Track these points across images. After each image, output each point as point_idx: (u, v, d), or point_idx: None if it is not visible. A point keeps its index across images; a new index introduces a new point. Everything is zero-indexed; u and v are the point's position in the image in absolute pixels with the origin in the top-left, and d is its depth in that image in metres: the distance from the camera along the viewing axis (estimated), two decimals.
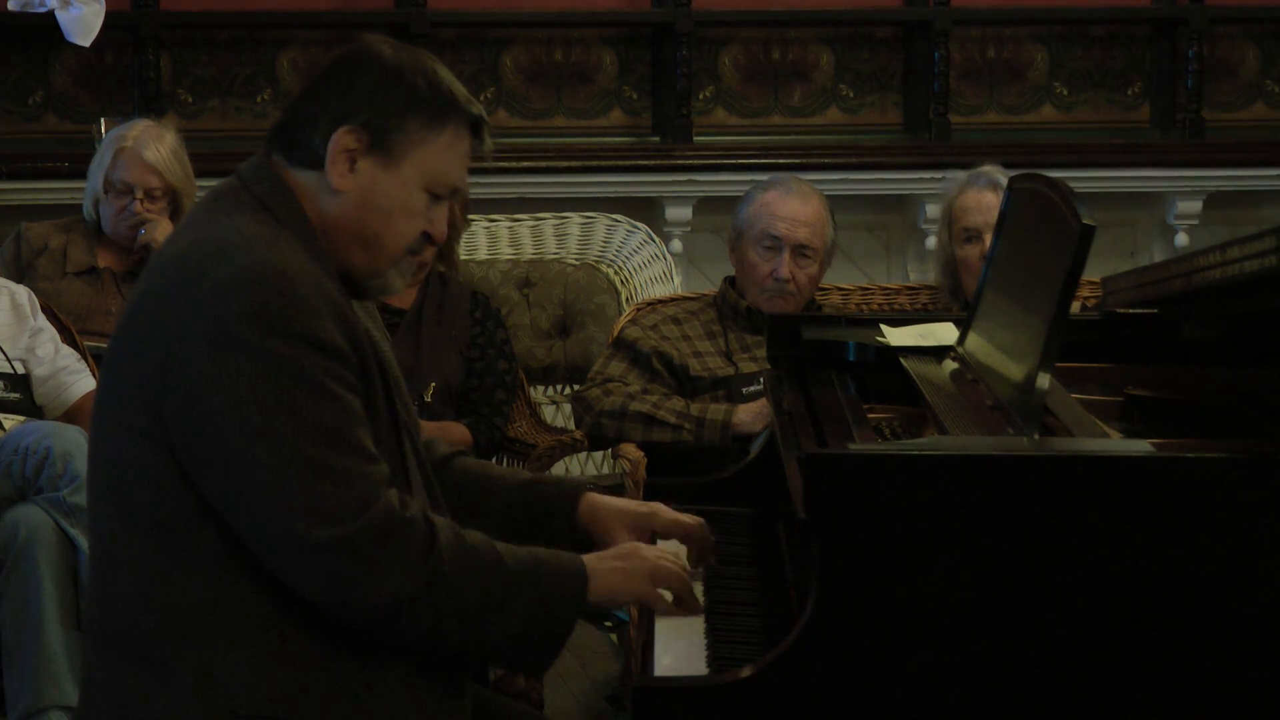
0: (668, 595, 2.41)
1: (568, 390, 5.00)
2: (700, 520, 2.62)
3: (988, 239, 4.18)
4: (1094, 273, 3.12)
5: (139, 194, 4.51)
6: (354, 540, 2.18)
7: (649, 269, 5.07)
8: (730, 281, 4.27)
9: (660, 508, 2.64)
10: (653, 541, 2.59)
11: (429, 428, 2.93)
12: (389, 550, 2.19)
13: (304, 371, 2.19)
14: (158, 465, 2.23)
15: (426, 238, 2.38)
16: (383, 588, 2.19)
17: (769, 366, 3.07)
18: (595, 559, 2.38)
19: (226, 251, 2.23)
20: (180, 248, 2.30)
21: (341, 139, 2.31)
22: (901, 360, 2.83)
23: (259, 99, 5.71)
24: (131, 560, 2.26)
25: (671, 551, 2.50)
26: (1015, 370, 2.41)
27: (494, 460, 4.57)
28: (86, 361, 4.17)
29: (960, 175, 4.45)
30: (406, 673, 2.29)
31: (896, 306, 4.57)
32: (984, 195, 4.30)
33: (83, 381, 4.08)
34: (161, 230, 4.50)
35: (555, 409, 5.07)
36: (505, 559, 2.29)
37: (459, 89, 2.37)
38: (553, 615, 2.29)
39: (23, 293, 4.17)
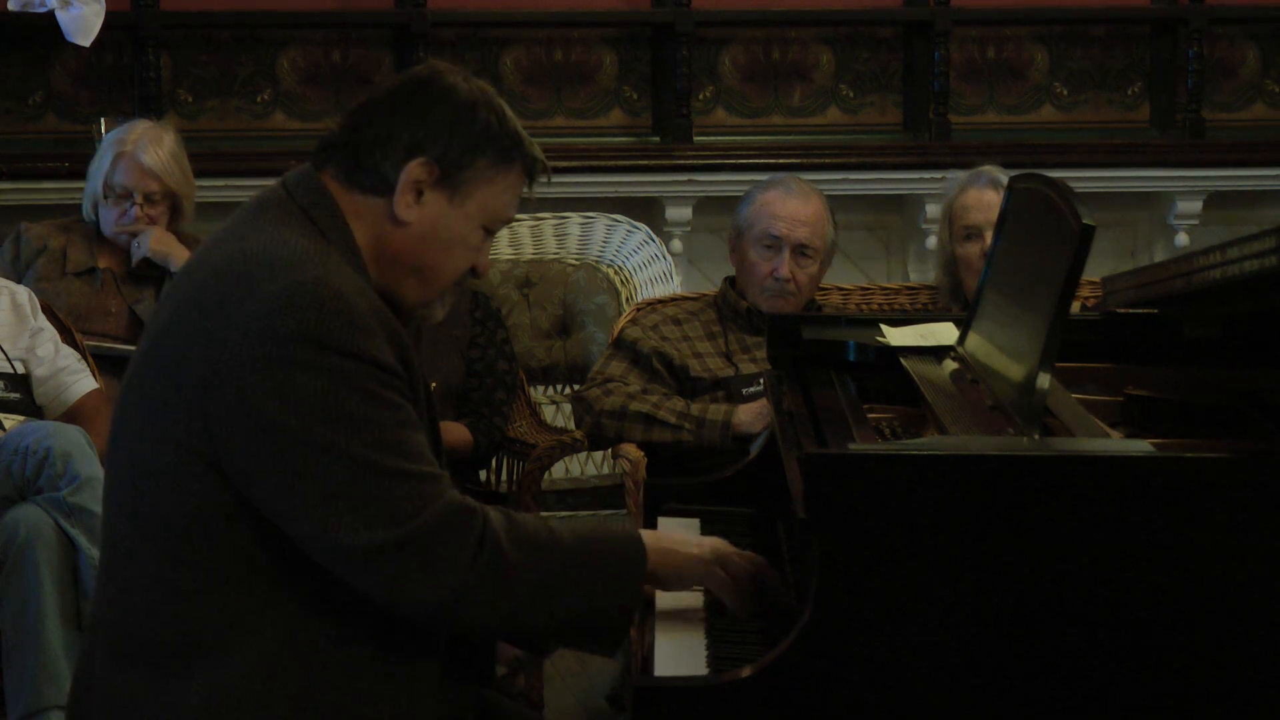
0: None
1: (568, 390, 5.00)
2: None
3: (988, 237, 4.18)
4: (1094, 273, 3.12)
5: (138, 198, 4.50)
6: (416, 535, 2.17)
7: (649, 269, 5.07)
8: (730, 281, 4.27)
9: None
10: None
11: None
12: (449, 540, 2.19)
13: (362, 384, 2.18)
14: (189, 476, 2.21)
15: (470, 270, 2.40)
16: (447, 579, 2.19)
17: (769, 367, 3.07)
18: (655, 535, 2.39)
19: (276, 265, 2.21)
20: (224, 258, 2.27)
21: (414, 171, 2.30)
22: (901, 360, 2.83)
23: (259, 99, 5.71)
24: (148, 571, 2.25)
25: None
26: (1015, 370, 2.41)
27: (494, 460, 4.58)
28: (86, 361, 4.17)
29: (961, 175, 4.46)
30: (415, 689, 2.29)
31: (896, 306, 4.57)
32: (985, 193, 4.30)
33: (83, 381, 4.08)
34: (155, 239, 4.48)
35: (555, 409, 5.07)
36: (562, 536, 2.29)
37: (522, 129, 2.38)
38: (616, 587, 2.29)
39: (23, 293, 4.18)
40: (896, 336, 2.95)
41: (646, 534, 2.38)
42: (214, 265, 2.27)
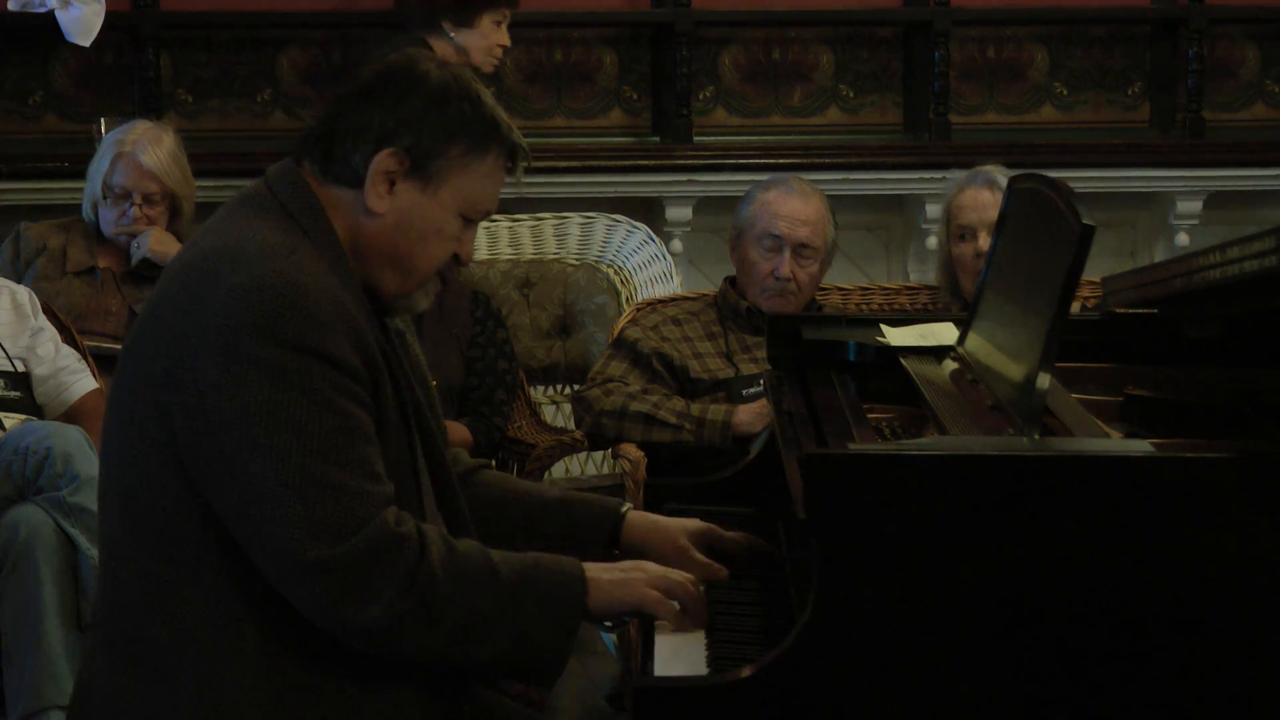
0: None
1: (568, 390, 5.00)
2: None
3: (981, 236, 4.20)
4: (1094, 273, 3.12)
5: (137, 199, 4.49)
6: (344, 561, 2.15)
7: (649, 269, 5.07)
8: (730, 281, 4.28)
9: (715, 528, 2.59)
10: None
11: None
12: (379, 570, 2.17)
13: (311, 385, 2.17)
14: (164, 472, 2.22)
15: (454, 258, 2.38)
16: (373, 607, 2.17)
17: (769, 367, 3.07)
18: (597, 568, 2.34)
19: (242, 259, 2.21)
20: (198, 253, 2.28)
21: (383, 162, 2.29)
22: (901, 360, 2.83)
23: (259, 99, 5.71)
24: (138, 567, 2.25)
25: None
26: (1015, 370, 2.41)
27: (494, 460, 4.57)
28: (87, 361, 4.17)
29: (961, 174, 4.46)
30: (408, 691, 2.28)
31: (896, 306, 4.57)
32: (980, 194, 4.30)
33: (83, 381, 4.08)
34: (154, 239, 4.48)
35: (555, 409, 5.07)
36: (500, 570, 2.26)
37: (501, 115, 2.36)
38: (552, 625, 2.27)
39: (23, 292, 4.18)
40: (896, 336, 2.95)
41: (591, 567, 2.32)
42: (188, 262, 2.28)
